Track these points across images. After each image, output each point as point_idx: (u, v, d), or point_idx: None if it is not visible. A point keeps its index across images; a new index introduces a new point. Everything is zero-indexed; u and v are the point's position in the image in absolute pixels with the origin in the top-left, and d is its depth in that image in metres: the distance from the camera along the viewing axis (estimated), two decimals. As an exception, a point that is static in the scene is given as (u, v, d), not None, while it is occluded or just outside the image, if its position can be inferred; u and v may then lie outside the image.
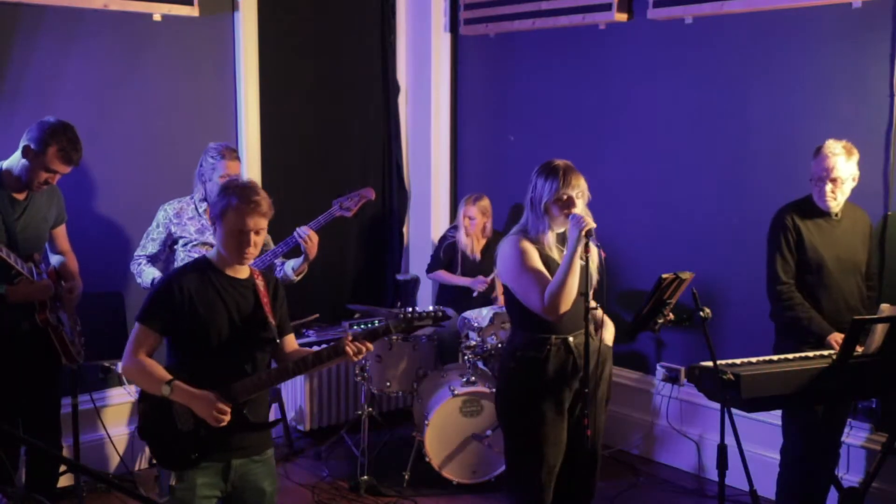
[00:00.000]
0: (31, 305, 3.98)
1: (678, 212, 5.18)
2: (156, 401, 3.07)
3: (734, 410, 3.53)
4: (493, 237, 5.69)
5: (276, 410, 5.47)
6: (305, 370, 3.23)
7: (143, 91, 5.03)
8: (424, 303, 6.45)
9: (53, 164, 3.89)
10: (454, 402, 4.90)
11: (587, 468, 3.64)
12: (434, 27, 6.18)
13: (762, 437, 4.68)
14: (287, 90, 5.77)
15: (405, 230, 6.49)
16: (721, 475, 3.60)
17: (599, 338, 3.59)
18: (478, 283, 5.55)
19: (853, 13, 4.39)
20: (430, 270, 5.83)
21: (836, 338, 3.95)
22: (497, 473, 4.92)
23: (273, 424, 3.37)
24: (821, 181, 4.01)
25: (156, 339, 3.12)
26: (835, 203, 4.04)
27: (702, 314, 3.54)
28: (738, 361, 3.72)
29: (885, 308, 3.90)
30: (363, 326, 5.24)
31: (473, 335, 5.10)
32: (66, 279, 4.22)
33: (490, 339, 5.03)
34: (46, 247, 4.26)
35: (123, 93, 4.97)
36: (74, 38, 4.77)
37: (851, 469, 4.56)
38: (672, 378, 5.25)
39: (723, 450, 3.55)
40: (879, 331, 3.71)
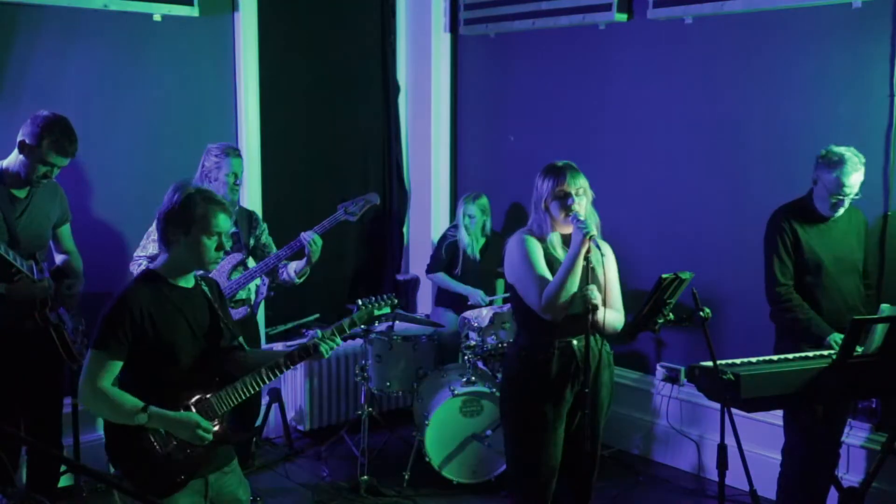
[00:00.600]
0: (34, 304, 3.98)
1: (678, 212, 5.18)
2: (128, 428, 2.92)
3: (734, 410, 3.52)
4: (493, 237, 5.70)
5: (276, 410, 5.48)
6: (280, 373, 3.14)
7: (143, 91, 5.03)
8: (424, 303, 6.45)
9: (49, 157, 3.88)
10: (454, 402, 4.90)
11: (585, 470, 3.64)
12: (434, 27, 6.18)
13: (762, 437, 4.68)
14: (287, 90, 5.77)
15: (405, 230, 6.49)
16: (721, 475, 3.59)
17: (601, 338, 3.60)
18: (474, 298, 5.54)
19: (853, 13, 4.39)
20: (431, 271, 5.83)
21: (836, 338, 3.95)
22: (497, 473, 4.92)
23: (256, 432, 3.32)
24: (838, 195, 3.97)
25: (115, 367, 2.93)
26: (842, 212, 4.05)
27: (702, 314, 3.53)
28: (738, 361, 3.72)
29: (886, 308, 3.90)
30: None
31: (473, 335, 5.10)
32: (69, 278, 4.22)
33: (490, 339, 5.03)
34: (51, 245, 4.26)
35: (123, 93, 4.97)
36: (74, 38, 4.77)
37: (851, 469, 4.56)
38: (672, 378, 5.24)
39: (723, 450, 3.55)
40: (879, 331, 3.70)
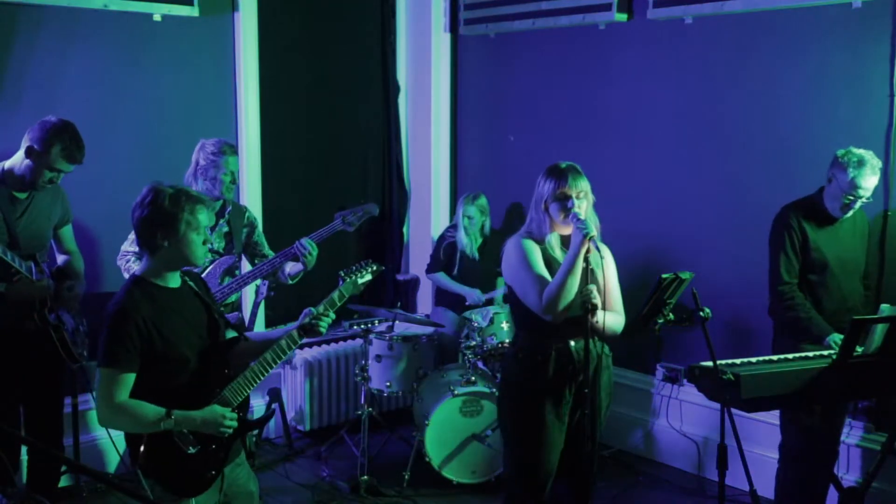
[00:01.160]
0: (33, 304, 3.98)
1: (678, 212, 5.18)
2: (152, 434, 2.92)
3: (734, 410, 3.52)
4: (492, 236, 5.70)
5: (276, 410, 5.47)
6: (284, 356, 3.16)
7: (143, 91, 5.03)
8: (424, 302, 6.45)
9: (57, 164, 3.89)
10: (454, 402, 4.90)
11: (585, 471, 3.63)
12: (434, 27, 6.18)
13: (762, 437, 4.68)
14: (287, 90, 5.77)
15: (405, 230, 6.49)
16: (721, 475, 3.59)
17: (600, 335, 3.59)
18: (472, 297, 5.54)
19: (853, 13, 4.40)
20: (430, 271, 5.83)
21: (836, 339, 3.95)
22: (497, 473, 4.92)
23: (268, 419, 3.38)
24: (851, 196, 3.96)
25: (130, 379, 2.89)
26: (851, 214, 4.05)
27: (702, 314, 3.53)
28: (738, 361, 3.72)
29: (887, 308, 3.90)
30: (358, 327, 5.24)
31: (473, 335, 5.10)
32: (71, 279, 4.22)
33: (490, 339, 5.03)
34: (53, 246, 4.26)
35: (123, 93, 4.97)
36: (74, 38, 4.77)
37: (851, 469, 4.56)
38: (672, 378, 5.25)
39: (723, 450, 3.55)
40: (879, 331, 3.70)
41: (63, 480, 4.52)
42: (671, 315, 3.66)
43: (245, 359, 3.18)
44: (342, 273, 3.43)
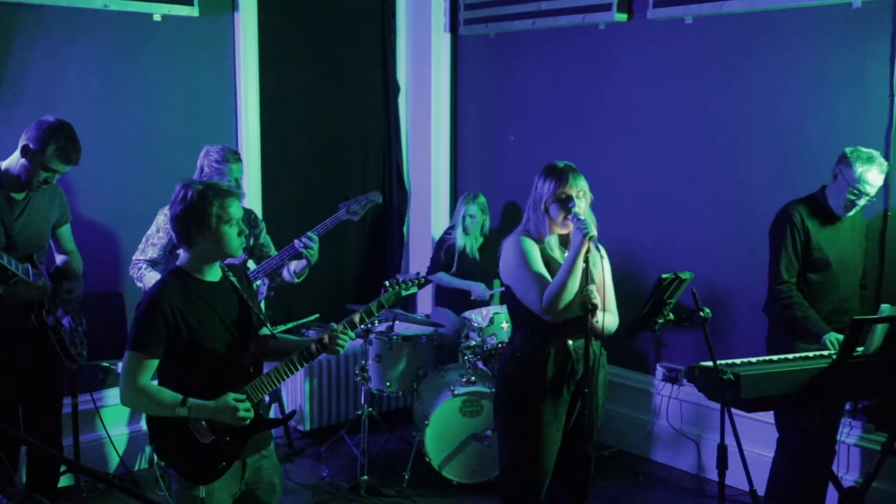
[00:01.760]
0: (32, 305, 3.98)
1: (678, 212, 5.18)
2: (169, 421, 3.01)
3: (734, 410, 3.53)
4: (491, 236, 5.70)
5: (276, 410, 5.48)
6: (310, 360, 3.23)
7: (143, 91, 5.03)
8: (424, 302, 6.45)
9: (52, 164, 3.88)
10: (454, 402, 4.90)
11: (582, 470, 3.63)
12: (434, 27, 6.18)
13: (762, 437, 4.67)
14: (287, 90, 5.77)
15: (405, 230, 6.49)
16: (721, 475, 3.59)
17: (598, 335, 3.59)
18: (476, 292, 5.54)
19: (853, 13, 4.40)
20: (431, 272, 5.83)
21: (832, 338, 3.95)
22: (497, 473, 4.92)
23: (288, 417, 3.41)
24: (855, 192, 3.96)
25: (152, 365, 3.01)
26: (853, 212, 4.05)
27: (702, 314, 3.53)
28: (738, 361, 3.72)
29: (887, 308, 3.90)
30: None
31: (473, 335, 5.10)
32: (69, 279, 4.22)
33: (490, 339, 5.03)
34: (52, 247, 4.26)
35: (123, 93, 4.97)
36: (74, 38, 4.77)
37: (851, 469, 4.56)
38: (672, 378, 5.25)
39: (723, 450, 3.55)
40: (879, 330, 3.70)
41: (63, 480, 4.52)
42: (671, 315, 3.66)
43: (273, 358, 3.25)
44: (387, 283, 3.35)
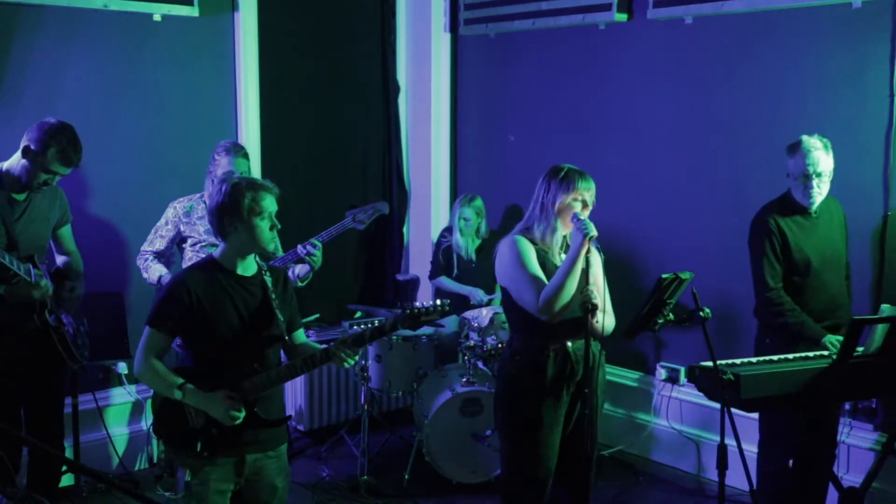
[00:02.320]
0: (34, 306, 3.98)
1: (678, 212, 5.18)
2: (168, 400, 3.15)
3: (734, 410, 3.53)
4: (490, 237, 5.69)
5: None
6: (314, 367, 3.24)
7: (143, 91, 5.03)
8: (424, 303, 6.44)
9: (53, 165, 3.88)
10: (454, 402, 4.90)
11: (584, 471, 3.63)
12: (434, 27, 6.18)
13: (762, 437, 4.68)
14: (287, 90, 5.77)
15: (405, 230, 6.49)
16: (721, 475, 3.59)
17: (598, 336, 3.59)
18: (475, 297, 5.55)
19: (853, 13, 4.39)
20: (433, 277, 5.83)
21: (832, 339, 3.95)
22: (497, 473, 4.92)
23: (284, 420, 3.37)
24: (806, 178, 3.99)
25: (167, 342, 3.18)
26: (820, 198, 4.04)
27: (702, 314, 3.53)
28: (738, 361, 3.72)
29: (887, 308, 3.90)
30: (364, 326, 5.24)
31: (473, 335, 5.10)
32: (70, 279, 4.22)
33: (490, 340, 5.03)
34: (53, 247, 4.26)
35: (123, 93, 4.97)
36: (74, 38, 4.77)
37: (851, 469, 4.56)
38: (672, 378, 5.25)
39: (723, 450, 3.55)
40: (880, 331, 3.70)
41: (63, 480, 4.52)
42: (671, 315, 3.66)
43: (297, 356, 3.28)
44: (408, 308, 3.19)
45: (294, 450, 5.47)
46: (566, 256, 3.44)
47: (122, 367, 4.99)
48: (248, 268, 3.24)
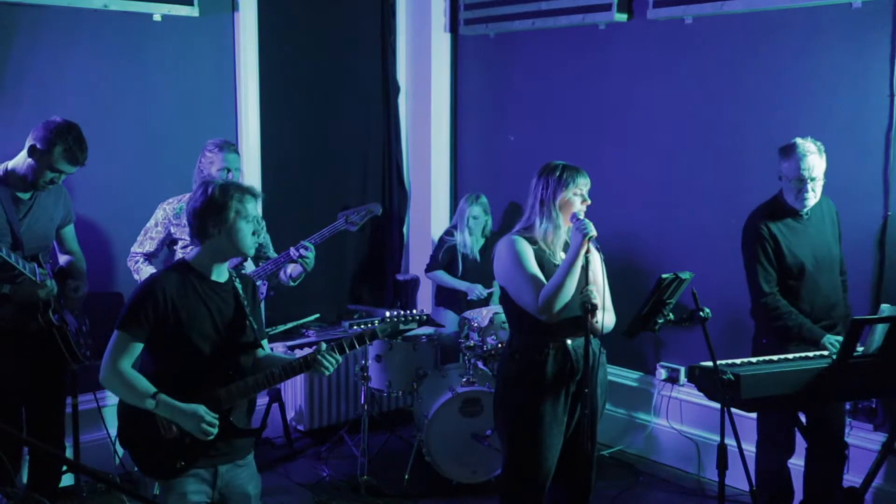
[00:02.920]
0: (37, 305, 3.98)
1: (678, 212, 5.18)
2: (138, 410, 3.02)
3: (734, 410, 3.52)
4: (492, 237, 5.70)
5: (276, 411, 5.48)
6: (293, 375, 3.19)
7: (143, 91, 5.03)
8: (424, 303, 6.45)
9: (59, 164, 3.89)
10: (454, 402, 4.90)
11: (584, 470, 3.63)
12: (434, 27, 6.18)
13: (762, 437, 4.68)
14: (287, 90, 5.77)
15: (405, 230, 6.49)
16: (721, 475, 3.59)
17: (598, 335, 3.59)
18: (474, 292, 5.55)
19: (853, 13, 4.40)
20: (429, 270, 5.83)
21: (832, 340, 3.95)
22: (497, 473, 4.92)
23: (259, 431, 3.33)
24: (801, 182, 3.98)
25: (136, 348, 3.05)
26: (813, 202, 4.04)
27: (702, 314, 3.53)
28: (738, 361, 3.72)
29: (887, 308, 3.90)
30: (359, 327, 5.23)
31: (473, 335, 5.10)
32: (74, 279, 4.22)
33: (490, 340, 5.03)
34: (56, 246, 4.26)
35: (123, 93, 4.97)
36: (74, 38, 4.77)
37: (852, 469, 4.55)
38: (672, 378, 5.25)
39: (723, 450, 3.55)
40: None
41: (63, 480, 4.52)
42: (671, 315, 3.66)
43: (257, 370, 3.21)
44: (387, 315, 3.31)
45: (294, 450, 5.48)
46: (566, 256, 3.45)
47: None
48: (221, 274, 3.17)
